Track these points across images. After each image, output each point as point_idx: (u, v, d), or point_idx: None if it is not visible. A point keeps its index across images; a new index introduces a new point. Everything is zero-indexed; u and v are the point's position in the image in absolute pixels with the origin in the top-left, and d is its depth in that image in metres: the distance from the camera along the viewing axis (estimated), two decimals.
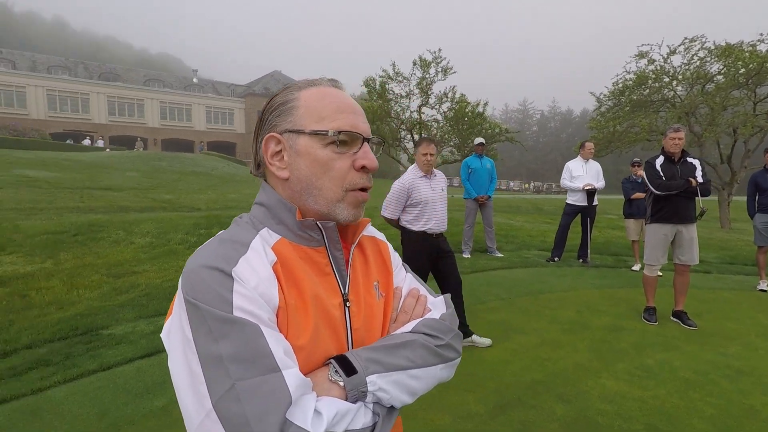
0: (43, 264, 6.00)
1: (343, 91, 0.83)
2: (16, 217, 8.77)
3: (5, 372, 3.26)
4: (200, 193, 17.75)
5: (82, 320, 4.39)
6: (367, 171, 0.78)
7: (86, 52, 79.46)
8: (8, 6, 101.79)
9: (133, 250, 6.83)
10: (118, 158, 25.13)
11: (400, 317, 0.85)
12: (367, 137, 0.79)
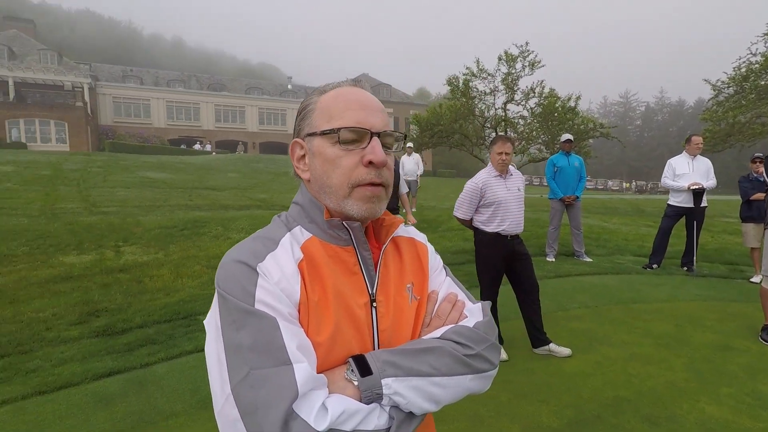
0: (156, 255, 6.82)
1: (363, 90, 0.83)
2: (138, 213, 10.06)
3: (122, 347, 3.76)
4: (290, 193, 18.90)
5: (184, 306, 4.91)
6: (376, 167, 0.76)
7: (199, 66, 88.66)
8: (138, 30, 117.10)
9: (229, 244, 7.47)
10: (222, 161, 27.65)
11: (433, 322, 0.83)
12: (376, 132, 0.77)
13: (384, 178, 0.78)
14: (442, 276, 0.92)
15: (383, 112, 0.81)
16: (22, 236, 7.08)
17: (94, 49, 78.37)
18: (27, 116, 31.38)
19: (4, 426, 2.63)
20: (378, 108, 0.81)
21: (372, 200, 0.77)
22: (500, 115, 16.35)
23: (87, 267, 6.00)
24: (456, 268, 6.33)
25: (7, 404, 2.85)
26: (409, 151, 11.46)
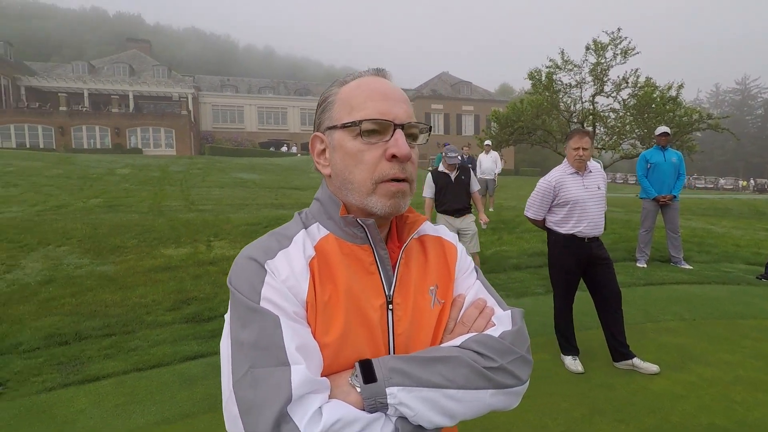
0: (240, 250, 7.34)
1: (386, 79, 0.79)
2: (229, 211, 10.91)
3: (207, 333, 4.08)
4: None
5: None
6: (400, 161, 0.72)
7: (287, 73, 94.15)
8: (235, 43, 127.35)
9: None
10: (306, 161, 29.04)
11: (457, 328, 0.77)
12: (399, 123, 0.73)
13: (408, 173, 0.74)
14: (472, 279, 0.85)
15: (407, 102, 0.77)
16: (133, 230, 8.01)
17: (198, 62, 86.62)
18: (143, 125, 35.58)
19: (107, 396, 2.98)
20: (401, 98, 0.76)
21: (396, 195, 0.73)
22: (588, 109, 15.18)
23: (183, 259, 6.63)
24: (533, 271, 6.01)
25: (111, 377, 3.24)
26: (487, 149, 11.11)
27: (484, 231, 7.06)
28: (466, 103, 50.71)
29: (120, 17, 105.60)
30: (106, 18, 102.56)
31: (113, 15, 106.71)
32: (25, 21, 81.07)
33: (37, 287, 5.28)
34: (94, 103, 38.25)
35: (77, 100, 37.72)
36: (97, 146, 33.82)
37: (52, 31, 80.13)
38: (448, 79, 54.05)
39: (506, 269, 6.23)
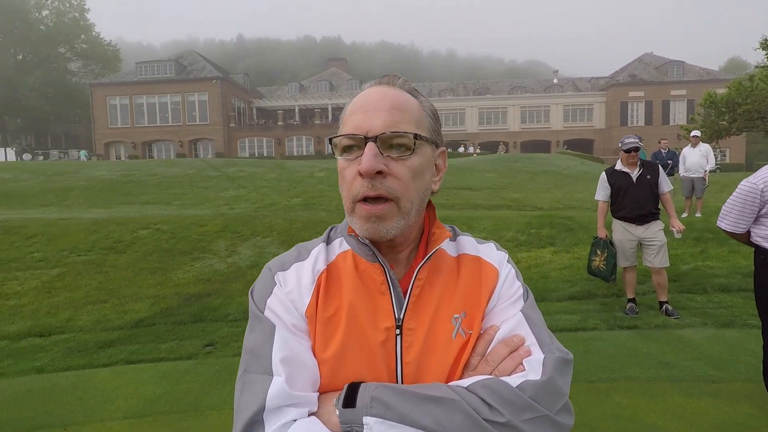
0: None
1: (385, 87, 0.73)
2: None
3: None
4: (547, 192, 17.99)
5: None
6: (366, 177, 0.66)
7: (467, 74, 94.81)
8: (419, 50, 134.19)
9: None
10: (482, 161, 28.75)
11: (481, 366, 0.68)
12: (371, 136, 0.66)
13: (383, 189, 0.66)
14: (513, 310, 0.73)
15: (394, 110, 0.69)
16: (320, 226, 9.22)
17: (387, 72, 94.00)
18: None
19: None
20: (385, 107, 0.69)
21: (371, 220, 0.67)
22: None
23: None
24: (747, 296, 4.75)
25: None
26: (694, 141, 9.12)
27: (680, 241, 5.86)
28: (675, 86, 42.72)
29: (325, 41, 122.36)
30: (315, 43, 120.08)
31: (320, 40, 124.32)
32: (258, 55, 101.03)
33: (246, 270, 6.55)
34: (303, 117, 45.25)
35: (290, 116, 45.21)
36: (303, 153, 40.02)
37: (277, 60, 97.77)
38: (651, 60, 46.39)
39: (708, 290, 5.07)
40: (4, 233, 8.27)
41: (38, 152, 41.43)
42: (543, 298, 5.25)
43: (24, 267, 6.73)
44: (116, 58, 52.24)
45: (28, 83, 43.65)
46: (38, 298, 5.63)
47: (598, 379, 3.22)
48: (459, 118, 48.48)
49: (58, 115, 48.01)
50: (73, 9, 50.32)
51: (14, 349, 4.23)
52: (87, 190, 15.86)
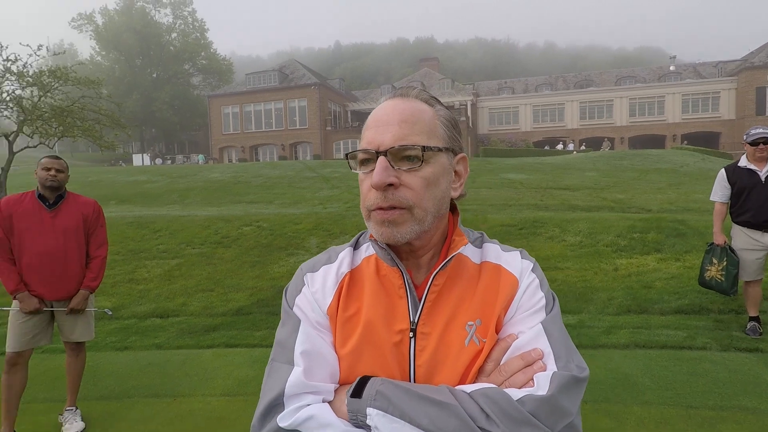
0: None
1: (398, 99, 0.75)
2: (491, 211, 11.27)
3: None
4: (659, 193, 16.22)
5: None
6: (378, 190, 0.69)
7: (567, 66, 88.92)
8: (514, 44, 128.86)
9: (562, 247, 7.31)
10: (582, 159, 26.80)
11: (494, 375, 0.68)
12: (382, 150, 0.69)
13: (395, 200, 0.70)
14: (532, 322, 0.72)
15: (404, 122, 0.72)
16: None
17: (480, 69, 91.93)
18: None
19: None
20: (395, 120, 0.72)
21: (384, 224, 0.71)
22: None
23: None
24: None
25: None
26: None
27: None
28: None
29: (418, 41, 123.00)
30: (408, 45, 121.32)
31: (413, 41, 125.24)
32: (354, 60, 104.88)
33: None
34: None
35: None
36: None
37: (371, 64, 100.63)
38: None
39: None
40: (138, 227, 9.65)
41: (167, 157, 47.54)
42: (643, 310, 4.78)
43: (151, 257, 7.80)
44: (229, 71, 57.82)
45: (160, 98, 50.20)
46: (161, 284, 6.48)
47: (702, 406, 2.87)
48: (558, 113, 45.68)
49: (183, 124, 54.47)
50: (195, 30, 56.77)
51: (140, 327, 4.94)
52: (203, 190, 17.82)
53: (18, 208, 2.83)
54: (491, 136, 45.43)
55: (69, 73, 15.60)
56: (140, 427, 2.93)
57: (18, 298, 2.77)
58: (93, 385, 3.49)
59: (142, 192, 17.96)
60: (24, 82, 14.96)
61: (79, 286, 2.94)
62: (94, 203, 3.10)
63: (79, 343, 3.02)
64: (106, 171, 27.80)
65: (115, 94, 33.54)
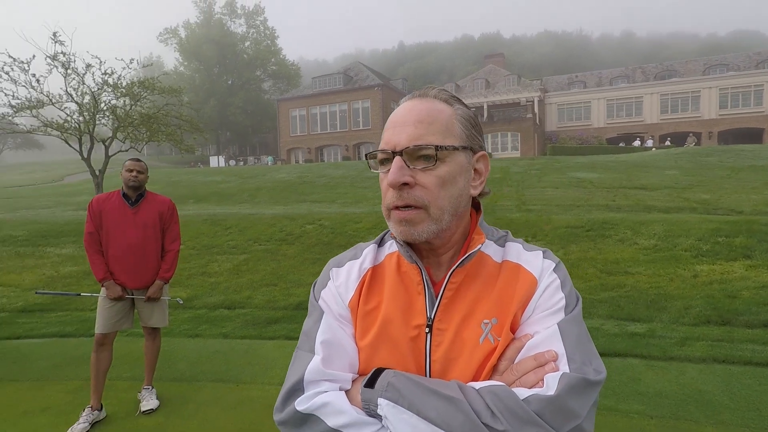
0: (556, 252, 7.16)
1: (416, 100, 0.76)
2: (556, 212, 10.79)
3: None
4: (753, 193, 14.60)
5: None
6: (393, 189, 0.71)
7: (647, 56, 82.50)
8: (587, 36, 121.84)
9: (633, 251, 6.84)
10: (661, 156, 24.77)
11: (507, 373, 0.69)
12: (398, 150, 0.71)
13: (411, 199, 0.71)
14: (549, 322, 0.71)
15: (420, 122, 0.73)
16: None
17: (549, 63, 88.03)
18: (493, 131, 39.55)
19: None
20: (411, 121, 0.73)
21: (402, 223, 0.73)
22: None
23: None
24: None
25: None
26: None
27: None
28: None
29: (483, 38, 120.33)
30: (472, 42, 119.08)
31: (478, 38, 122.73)
32: (417, 59, 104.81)
33: None
34: None
35: None
36: None
37: (435, 62, 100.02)
38: None
39: None
40: (211, 224, 10.36)
41: (240, 159, 50.46)
42: (725, 321, 4.35)
43: (222, 252, 8.35)
44: (297, 75, 60.18)
45: (234, 103, 53.43)
46: (229, 277, 6.93)
47: None
48: (635, 107, 42.57)
49: (254, 128, 57.54)
50: (266, 38, 59.75)
51: (210, 317, 5.31)
52: (271, 190, 18.73)
53: (106, 206, 3.18)
54: (560, 133, 43.35)
55: (155, 84, 17.09)
56: (206, 409, 3.17)
57: (105, 285, 3.10)
58: (167, 368, 3.82)
59: (216, 191, 19.24)
60: (118, 92, 16.60)
61: (155, 276, 3.24)
62: (168, 201, 3.39)
63: (155, 329, 3.31)
64: (186, 172, 30.09)
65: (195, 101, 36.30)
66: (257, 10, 59.73)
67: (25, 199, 20.62)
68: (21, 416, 3.14)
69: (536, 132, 38.82)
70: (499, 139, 39.37)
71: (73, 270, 7.54)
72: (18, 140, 49.53)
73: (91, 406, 3.00)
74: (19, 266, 7.95)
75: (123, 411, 3.16)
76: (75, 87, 15.80)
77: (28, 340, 4.82)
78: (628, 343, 3.95)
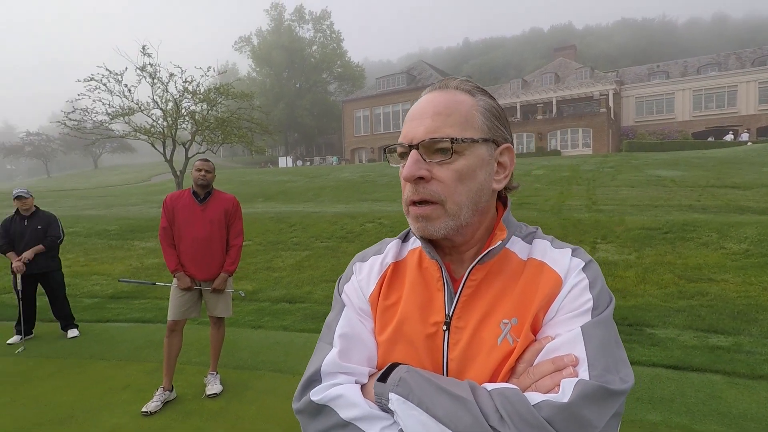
0: (628, 255, 6.68)
1: (437, 92, 0.74)
2: (630, 212, 10.06)
3: None
4: None
5: (634, 312, 4.66)
6: (413, 182, 0.69)
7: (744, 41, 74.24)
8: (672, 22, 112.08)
9: (719, 256, 6.20)
10: (759, 152, 22.18)
11: (523, 377, 0.66)
12: (414, 144, 0.69)
13: (426, 194, 0.69)
14: (572, 325, 0.66)
15: (437, 115, 0.71)
16: None
17: (626, 54, 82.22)
18: (562, 127, 37.67)
19: None
20: (428, 113, 0.71)
21: (419, 219, 0.71)
22: None
23: None
24: None
25: None
26: None
27: None
28: None
29: (553, 30, 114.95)
30: (542, 34, 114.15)
31: (547, 30, 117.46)
32: (483, 55, 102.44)
33: None
34: (524, 113, 43.80)
35: (511, 113, 44.34)
36: (523, 151, 38.66)
37: (500, 58, 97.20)
38: None
39: None
40: (277, 222, 10.86)
41: (306, 159, 52.37)
42: None
43: (286, 248, 8.72)
44: (361, 77, 61.29)
45: (301, 105, 55.53)
46: (292, 273, 7.22)
47: None
48: (727, 98, 38.52)
49: (320, 129, 59.43)
50: (332, 41, 61.47)
51: (272, 310, 5.57)
52: (335, 189, 19.24)
53: (178, 203, 3.44)
54: (638, 128, 40.31)
55: (229, 89, 18.23)
56: (265, 396, 3.33)
57: (176, 276, 3.36)
58: (231, 356, 4.06)
59: (284, 190, 20.12)
60: (197, 99, 17.90)
61: (220, 269, 3.45)
62: (233, 199, 3.60)
63: (219, 318, 3.54)
64: (257, 172, 31.76)
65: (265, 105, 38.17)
66: (324, 14, 61.59)
67: (117, 198, 22.89)
68: (106, 392, 3.49)
69: (610, 127, 36.41)
70: (569, 135, 37.38)
71: (155, 262, 8.24)
72: (114, 145, 54.94)
73: (163, 387, 3.27)
74: (111, 257, 8.85)
75: (191, 393, 3.40)
76: (160, 95, 17.28)
77: (116, 323, 5.35)
78: (709, 357, 3.59)
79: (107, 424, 2.98)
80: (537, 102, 42.30)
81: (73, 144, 51.32)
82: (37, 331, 5.02)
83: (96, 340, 4.78)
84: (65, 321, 5.01)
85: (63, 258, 5.37)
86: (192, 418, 3.05)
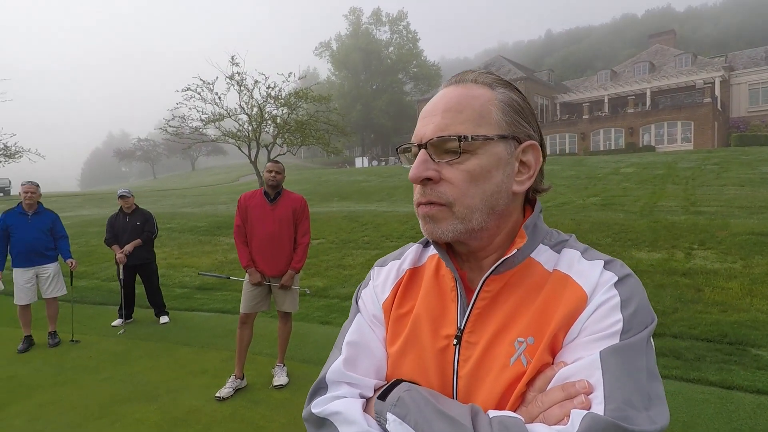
0: (733, 264, 5.91)
1: (450, 88, 0.68)
2: (735, 215, 8.90)
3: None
4: None
5: (738, 329, 4.13)
6: (420, 184, 0.65)
7: None
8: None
9: None
10: None
11: (532, 405, 0.58)
12: (423, 143, 0.64)
13: (433, 196, 0.64)
14: (593, 349, 0.57)
15: (447, 111, 0.65)
16: (612, 229, 8.19)
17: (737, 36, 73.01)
18: (657, 121, 34.33)
19: None
20: (439, 110, 0.65)
21: (426, 220, 0.67)
22: None
23: (652, 264, 6.17)
24: None
25: None
26: None
27: None
28: None
29: (648, 15, 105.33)
30: (635, 21, 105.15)
31: (642, 16, 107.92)
32: (567, 47, 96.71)
33: None
34: (613, 106, 40.62)
35: (598, 107, 41.38)
36: (612, 147, 35.85)
37: (587, 49, 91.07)
38: None
39: None
40: (349, 221, 11.13)
41: (382, 159, 53.16)
42: None
43: (357, 247, 8.90)
44: (437, 76, 60.88)
45: (377, 106, 56.48)
46: (362, 271, 7.34)
47: None
48: None
49: (395, 129, 59.98)
50: (408, 41, 61.79)
51: (341, 307, 5.70)
52: (408, 188, 19.28)
53: (251, 202, 3.64)
54: (751, 119, 35.59)
55: (308, 93, 19.07)
56: None
57: (248, 272, 3.56)
58: (299, 350, 4.22)
59: (359, 190, 20.59)
60: (278, 103, 18.96)
61: (288, 266, 3.60)
62: (301, 198, 3.74)
63: (287, 313, 3.69)
64: (334, 172, 32.85)
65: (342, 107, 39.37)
66: (400, 15, 62.10)
67: (209, 197, 24.95)
68: (187, 375, 3.80)
69: (716, 119, 32.54)
70: (665, 129, 34.00)
71: (236, 257, 8.84)
72: (208, 148, 60.05)
73: (235, 375, 3.49)
74: (200, 251, 9.65)
75: (260, 383, 3.59)
76: (246, 101, 18.55)
77: (200, 312, 5.82)
78: None
79: (185, 405, 3.24)
80: (628, 94, 39.07)
81: (174, 148, 56.83)
82: (136, 316, 5.62)
83: (183, 327, 5.24)
84: (158, 308, 5.56)
85: (160, 251, 5.97)
86: (259, 406, 3.22)
